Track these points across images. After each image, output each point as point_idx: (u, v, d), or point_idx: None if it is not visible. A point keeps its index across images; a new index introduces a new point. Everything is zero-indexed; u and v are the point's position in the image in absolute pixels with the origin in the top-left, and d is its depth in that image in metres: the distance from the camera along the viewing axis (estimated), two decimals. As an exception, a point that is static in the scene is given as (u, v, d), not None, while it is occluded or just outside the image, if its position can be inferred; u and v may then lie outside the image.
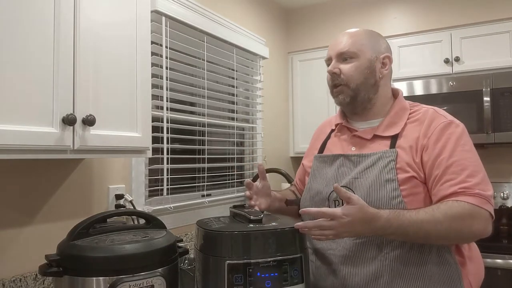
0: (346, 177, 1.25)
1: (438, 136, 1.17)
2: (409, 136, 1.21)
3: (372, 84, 1.28)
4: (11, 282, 1.27)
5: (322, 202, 1.27)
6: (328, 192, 1.26)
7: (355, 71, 1.26)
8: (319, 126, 1.53)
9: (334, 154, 1.31)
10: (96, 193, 1.60)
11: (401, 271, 1.14)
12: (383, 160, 1.19)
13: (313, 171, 1.35)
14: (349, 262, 1.19)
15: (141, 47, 1.33)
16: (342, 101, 1.29)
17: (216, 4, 2.34)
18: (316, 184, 1.31)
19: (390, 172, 1.17)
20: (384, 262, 1.15)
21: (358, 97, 1.27)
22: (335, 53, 1.29)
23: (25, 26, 0.99)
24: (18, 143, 0.97)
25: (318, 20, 3.12)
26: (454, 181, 1.11)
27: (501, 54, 2.49)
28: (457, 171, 1.12)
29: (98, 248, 1.03)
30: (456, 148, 1.15)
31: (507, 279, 2.12)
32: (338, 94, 1.30)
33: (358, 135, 1.30)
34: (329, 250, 1.23)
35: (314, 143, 1.47)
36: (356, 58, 1.26)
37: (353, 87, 1.26)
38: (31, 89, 1.00)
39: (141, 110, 1.32)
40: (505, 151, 2.65)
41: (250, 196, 1.32)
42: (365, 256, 1.17)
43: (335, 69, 1.28)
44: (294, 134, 3.15)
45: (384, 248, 1.15)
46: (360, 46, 1.27)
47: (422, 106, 1.29)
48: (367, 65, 1.27)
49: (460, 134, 1.17)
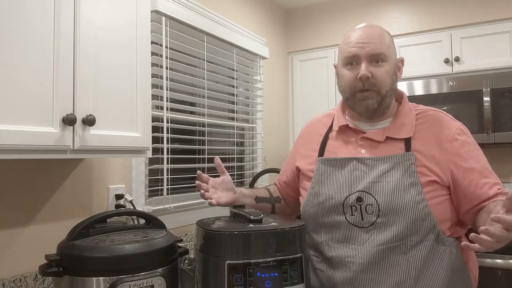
0: (362, 181, 1.18)
1: (461, 141, 1.17)
2: (425, 139, 1.18)
3: (394, 89, 1.23)
4: (11, 282, 1.27)
5: (335, 207, 1.20)
6: (343, 197, 1.19)
7: (386, 76, 1.19)
8: (308, 125, 1.45)
9: (345, 158, 1.23)
10: (96, 193, 1.60)
11: (422, 275, 1.12)
12: (403, 164, 1.15)
13: (319, 176, 1.25)
14: (372, 269, 1.14)
15: (141, 47, 1.33)
16: (370, 106, 1.20)
17: (216, 4, 2.34)
18: (326, 189, 1.23)
19: (412, 175, 1.13)
20: (409, 266, 1.12)
21: (384, 103, 1.21)
22: (367, 54, 1.18)
23: (25, 26, 0.99)
24: (18, 143, 0.97)
25: (318, 20, 3.12)
26: (490, 184, 1.14)
27: (501, 54, 2.49)
28: (487, 174, 1.16)
29: (98, 248, 1.03)
30: (477, 152, 1.19)
31: (507, 279, 2.12)
32: (365, 99, 1.20)
33: (368, 137, 1.23)
34: (347, 258, 1.16)
35: (307, 143, 1.38)
36: (386, 61, 1.19)
37: (383, 94, 1.19)
38: (31, 89, 1.00)
39: (141, 110, 1.32)
40: (505, 151, 2.65)
41: (204, 188, 1.24)
42: (390, 262, 1.13)
43: (368, 72, 1.17)
44: (294, 134, 3.15)
45: (408, 252, 1.12)
46: (390, 49, 1.21)
47: (426, 108, 1.26)
48: (393, 69, 1.22)
49: (473, 138, 1.21)
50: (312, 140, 1.35)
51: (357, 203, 1.16)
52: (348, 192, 1.18)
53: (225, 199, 1.26)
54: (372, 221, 1.15)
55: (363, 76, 1.17)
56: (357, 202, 1.17)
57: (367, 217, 1.15)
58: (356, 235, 1.16)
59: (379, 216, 1.14)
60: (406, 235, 1.12)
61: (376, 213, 1.15)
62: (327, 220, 1.22)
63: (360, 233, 1.16)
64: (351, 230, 1.17)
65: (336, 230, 1.20)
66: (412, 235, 1.12)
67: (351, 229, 1.17)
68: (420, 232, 1.12)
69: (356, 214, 1.16)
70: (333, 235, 1.20)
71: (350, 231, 1.17)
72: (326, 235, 1.22)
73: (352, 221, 1.17)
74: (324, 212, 1.22)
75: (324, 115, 1.42)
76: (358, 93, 1.21)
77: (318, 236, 1.24)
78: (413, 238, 1.12)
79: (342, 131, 1.29)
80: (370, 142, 1.23)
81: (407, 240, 1.12)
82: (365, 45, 1.18)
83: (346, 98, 1.26)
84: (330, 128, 1.34)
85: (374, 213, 1.15)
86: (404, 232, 1.12)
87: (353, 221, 1.17)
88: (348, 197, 1.18)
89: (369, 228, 1.15)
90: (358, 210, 1.16)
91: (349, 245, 1.17)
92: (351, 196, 1.18)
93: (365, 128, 1.26)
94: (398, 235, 1.12)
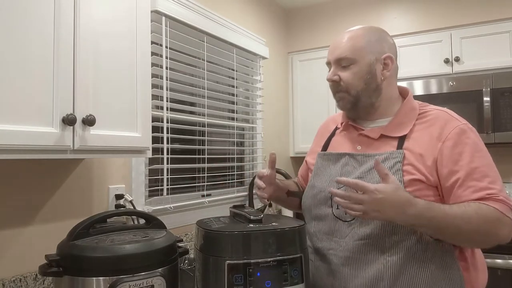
0: (350, 176, 1.21)
1: (455, 140, 1.14)
2: (419, 138, 1.18)
3: (373, 88, 1.24)
4: (11, 282, 1.27)
5: (325, 200, 1.24)
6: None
7: (354, 78, 1.23)
8: (323, 123, 1.50)
9: (339, 153, 1.29)
10: (96, 193, 1.60)
11: (402, 274, 1.12)
12: (389, 161, 1.17)
13: (316, 169, 1.33)
14: (350, 263, 1.17)
15: (141, 47, 1.33)
16: (344, 107, 1.28)
17: (216, 4, 2.34)
18: (319, 182, 1.29)
19: (396, 173, 1.13)
20: (386, 264, 1.13)
21: (359, 103, 1.25)
22: (334, 58, 1.26)
23: (24, 25, 0.99)
24: (18, 143, 0.97)
25: (318, 20, 3.12)
26: (477, 187, 1.09)
27: (501, 54, 2.49)
28: (479, 178, 1.10)
29: (98, 248, 1.03)
30: (475, 153, 1.12)
31: (507, 279, 2.12)
32: (339, 99, 1.28)
33: (364, 134, 1.27)
34: (330, 250, 1.21)
35: (318, 140, 1.45)
36: (354, 64, 1.22)
37: (354, 94, 1.23)
38: (31, 89, 1.01)
39: (141, 110, 1.33)
40: (505, 151, 2.65)
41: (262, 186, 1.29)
42: (367, 258, 1.15)
43: (334, 76, 1.25)
44: (294, 134, 3.15)
45: (386, 251, 1.13)
46: (359, 51, 1.22)
47: (433, 107, 1.25)
48: (367, 70, 1.23)
49: (477, 139, 1.16)
50: (323, 136, 1.42)
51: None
52: (336, 186, 1.19)
53: (267, 193, 1.31)
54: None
55: (328, 80, 1.28)
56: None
57: None
58: (339, 228, 1.20)
59: None
60: (385, 232, 1.13)
61: None
62: (317, 212, 1.27)
63: (343, 227, 1.20)
64: (335, 223, 1.21)
65: (324, 222, 1.24)
66: (392, 234, 1.13)
67: (335, 222, 1.21)
68: (400, 231, 1.12)
69: (341, 207, 1.16)
70: (321, 227, 1.25)
71: (334, 224, 1.22)
72: (316, 227, 1.27)
73: (336, 214, 1.21)
74: (316, 204, 1.27)
75: (339, 113, 1.45)
76: (335, 95, 1.30)
77: (310, 227, 1.30)
78: (393, 237, 1.13)
79: (346, 127, 1.35)
80: (366, 139, 1.27)
81: (386, 239, 1.13)
82: (334, 51, 1.27)
83: None
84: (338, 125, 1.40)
85: None
86: (384, 228, 1.13)
87: (338, 214, 1.21)
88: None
89: (351, 222, 1.18)
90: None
91: (333, 237, 1.21)
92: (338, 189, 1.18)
93: (365, 126, 1.30)
94: (377, 231, 1.14)
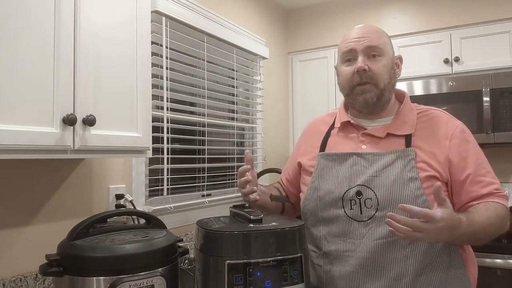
0: (362, 175, 1.19)
1: (460, 138, 1.19)
2: (424, 136, 1.20)
3: (393, 85, 1.26)
4: (12, 282, 1.27)
5: (334, 201, 1.21)
6: (342, 191, 1.20)
7: (383, 69, 1.21)
8: (310, 124, 1.47)
9: (345, 153, 1.25)
10: (96, 193, 1.60)
11: (422, 269, 1.13)
12: (402, 159, 1.17)
13: (320, 170, 1.27)
14: (371, 264, 1.14)
15: (141, 47, 1.33)
16: (369, 100, 1.22)
17: (216, 4, 2.34)
18: (326, 184, 1.24)
19: (411, 170, 1.14)
20: (408, 261, 1.12)
21: (383, 98, 1.23)
22: (363, 47, 1.20)
23: (25, 25, 0.99)
24: (18, 143, 0.97)
25: (318, 20, 3.12)
26: (485, 183, 1.15)
27: (501, 54, 2.49)
28: (484, 173, 1.17)
29: (98, 248, 1.03)
30: (477, 150, 1.20)
31: (506, 279, 2.12)
32: (363, 92, 1.21)
33: (369, 133, 1.25)
34: (346, 252, 1.17)
35: (309, 141, 1.38)
36: (383, 56, 1.22)
37: (381, 87, 1.21)
38: (31, 89, 1.01)
39: (141, 110, 1.33)
40: (505, 151, 2.65)
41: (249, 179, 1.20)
42: (389, 257, 1.13)
43: (365, 65, 1.19)
44: (294, 134, 3.15)
45: (407, 247, 1.13)
46: (385, 44, 1.23)
47: (428, 107, 1.28)
48: (391, 64, 1.24)
49: (473, 138, 1.22)
50: (314, 137, 1.37)
51: (356, 197, 1.17)
52: (348, 186, 1.19)
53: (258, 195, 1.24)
54: (371, 215, 1.16)
55: (360, 68, 1.19)
56: (356, 196, 1.18)
57: (366, 211, 1.16)
58: (355, 229, 1.18)
59: (378, 210, 1.15)
60: None
61: (375, 207, 1.15)
62: (326, 214, 1.23)
63: (359, 227, 1.17)
64: (350, 224, 1.18)
65: (335, 224, 1.21)
66: None
67: (350, 223, 1.18)
68: None
69: (355, 208, 1.17)
70: (332, 229, 1.21)
71: (349, 225, 1.19)
72: (325, 230, 1.23)
73: (351, 215, 1.18)
74: (324, 206, 1.23)
75: (327, 114, 1.44)
76: (356, 87, 1.22)
77: (317, 230, 1.25)
78: None
79: (344, 127, 1.32)
80: (371, 138, 1.25)
81: None
82: (361, 39, 1.21)
83: (346, 95, 1.28)
84: (332, 126, 1.36)
85: (373, 207, 1.16)
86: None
87: (352, 215, 1.18)
88: (348, 191, 1.20)
89: (368, 222, 1.16)
90: (357, 204, 1.17)
91: (348, 239, 1.18)
92: (350, 190, 1.19)
93: (366, 125, 1.28)
94: None
